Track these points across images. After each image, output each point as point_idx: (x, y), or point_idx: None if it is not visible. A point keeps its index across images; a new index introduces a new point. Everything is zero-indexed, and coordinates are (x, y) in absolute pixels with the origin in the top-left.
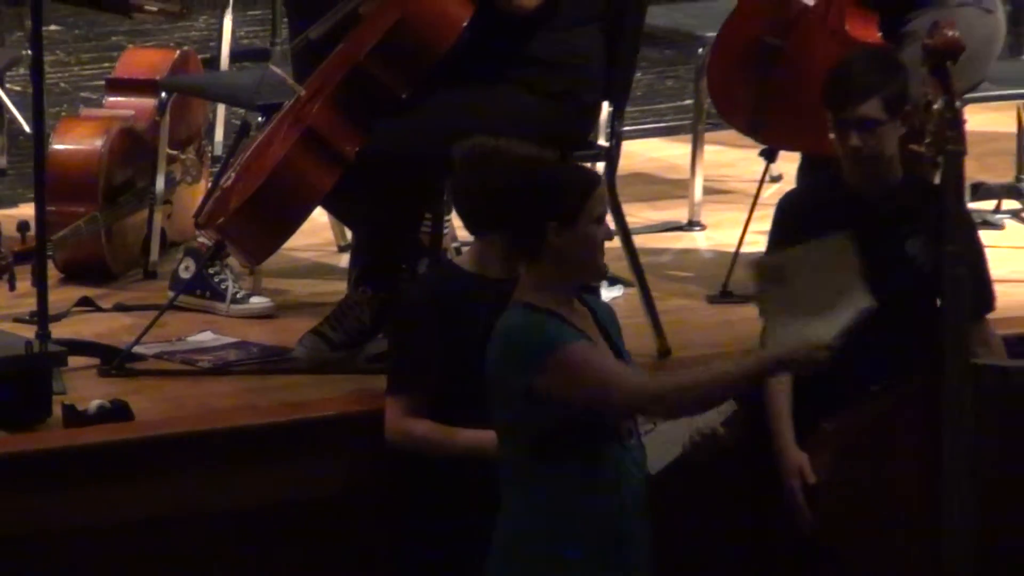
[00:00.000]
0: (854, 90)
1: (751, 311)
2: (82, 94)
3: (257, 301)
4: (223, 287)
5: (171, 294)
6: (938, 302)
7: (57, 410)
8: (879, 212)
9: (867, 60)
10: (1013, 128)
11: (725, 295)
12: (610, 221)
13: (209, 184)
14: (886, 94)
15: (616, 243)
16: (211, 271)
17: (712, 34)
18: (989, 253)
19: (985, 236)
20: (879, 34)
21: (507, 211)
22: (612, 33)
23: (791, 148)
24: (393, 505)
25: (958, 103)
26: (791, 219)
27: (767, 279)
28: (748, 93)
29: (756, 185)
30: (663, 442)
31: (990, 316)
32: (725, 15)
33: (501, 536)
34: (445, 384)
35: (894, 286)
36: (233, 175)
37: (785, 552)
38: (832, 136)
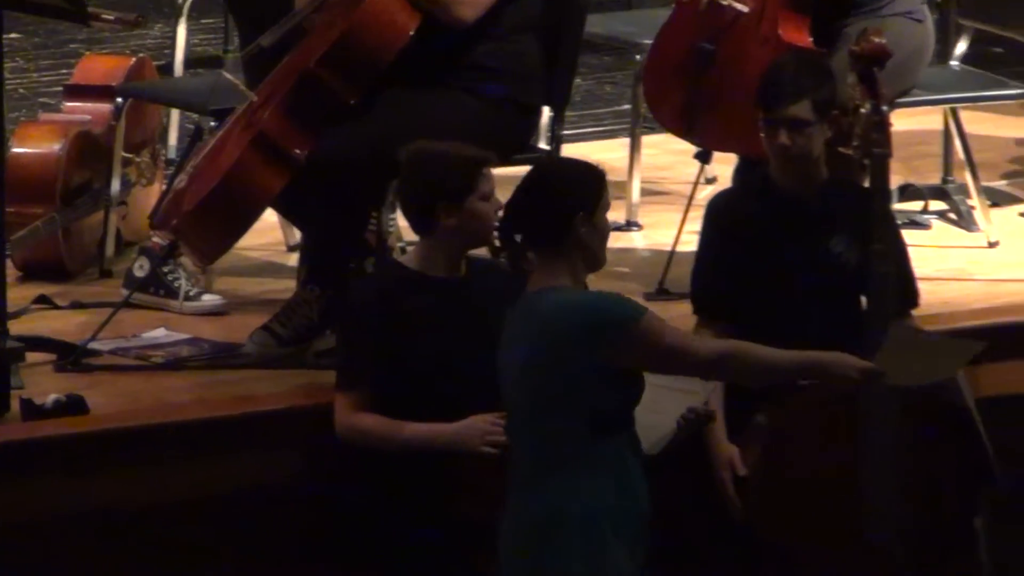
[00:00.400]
0: (785, 91)
1: (686, 307)
2: (41, 99)
3: (209, 299)
4: (176, 285)
5: (126, 292)
6: (863, 298)
7: (15, 404)
8: (805, 211)
9: (798, 63)
10: (940, 131)
11: (661, 292)
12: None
13: (163, 186)
14: (816, 97)
15: None
16: (165, 270)
17: (648, 41)
18: (916, 252)
19: (912, 236)
20: (810, 39)
21: (400, 195)
22: (552, 41)
23: (725, 150)
24: (343, 497)
25: (885, 107)
26: (721, 218)
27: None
28: (683, 97)
29: (691, 186)
30: (652, 424)
31: (915, 312)
32: (661, 23)
33: (531, 518)
34: (392, 379)
35: (819, 282)
36: (186, 178)
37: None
38: (761, 135)
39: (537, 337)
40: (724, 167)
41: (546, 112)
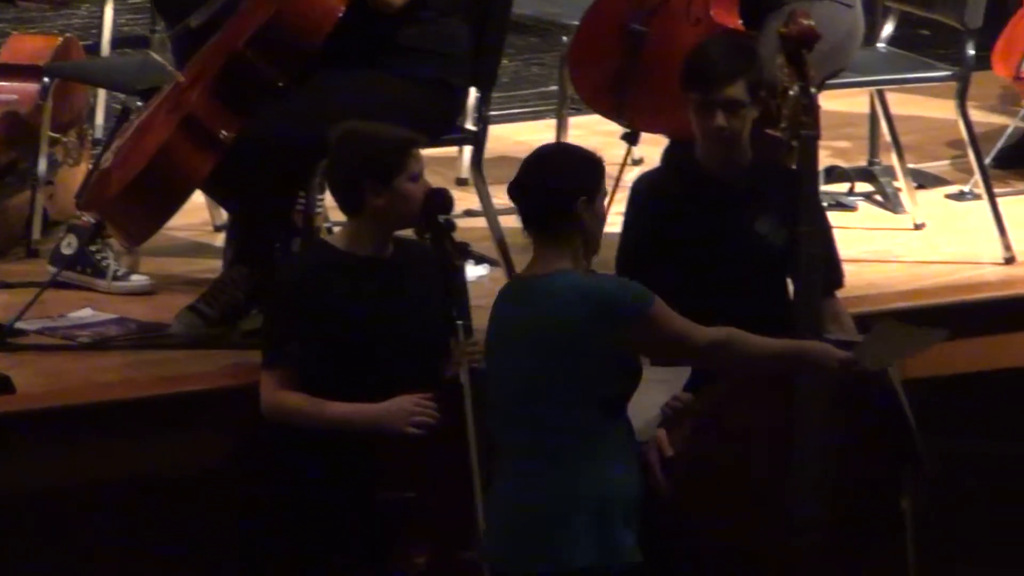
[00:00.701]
0: (722, 72)
1: None
2: None
3: (137, 279)
4: (104, 264)
5: (52, 270)
6: (787, 279)
7: None
8: (731, 192)
9: (727, 44)
10: (866, 113)
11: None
12: None
13: (90, 166)
14: (749, 78)
15: (482, 223)
16: (93, 248)
17: (575, 23)
18: (842, 234)
19: (838, 218)
20: (740, 21)
21: (329, 175)
22: (480, 22)
23: (654, 131)
24: (270, 476)
25: (813, 89)
26: (645, 199)
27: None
28: (612, 78)
29: (618, 168)
30: (635, 413)
31: (840, 294)
32: (587, 5)
33: (541, 501)
34: (318, 358)
35: (744, 264)
36: (112, 157)
37: None
38: (693, 118)
39: (549, 320)
40: (651, 148)
41: (473, 93)
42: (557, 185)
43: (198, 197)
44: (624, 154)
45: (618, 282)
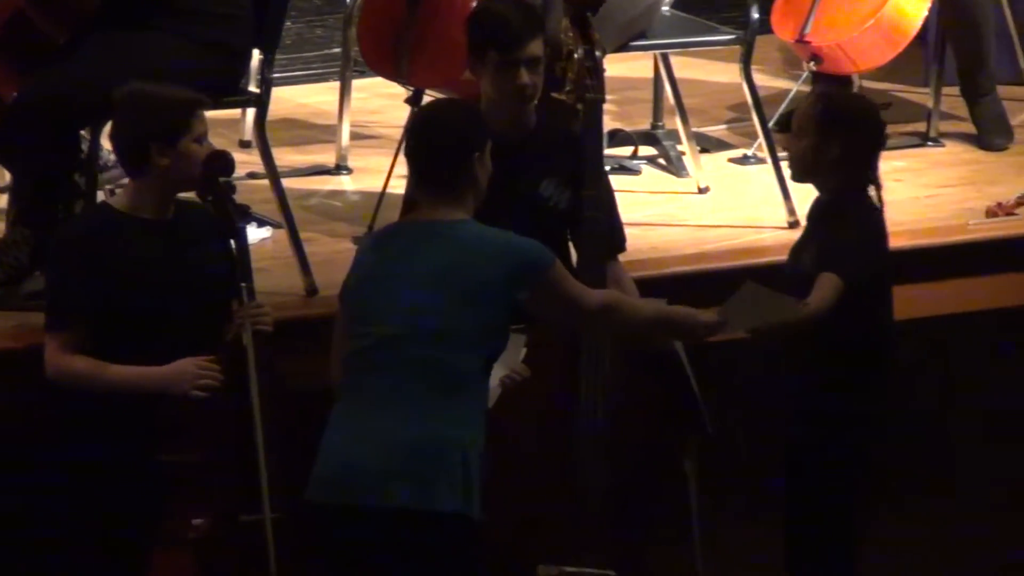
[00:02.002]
0: (523, 28)
1: None
2: None
3: None
4: None
5: None
6: (570, 242)
7: None
8: (517, 155)
9: (515, 3)
10: (650, 77)
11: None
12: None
13: None
14: (543, 35)
15: (265, 184)
16: None
17: None
18: (626, 198)
19: (622, 181)
20: None
21: (113, 136)
22: None
23: (434, 86)
24: (53, 438)
25: (599, 53)
26: None
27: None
28: (394, 39)
29: (401, 131)
30: None
31: (623, 257)
32: None
33: (413, 442)
34: (103, 321)
35: (528, 224)
36: None
37: None
38: (491, 79)
39: (459, 268)
40: None
41: (256, 55)
42: (455, 143)
43: None
44: (407, 117)
45: (523, 240)
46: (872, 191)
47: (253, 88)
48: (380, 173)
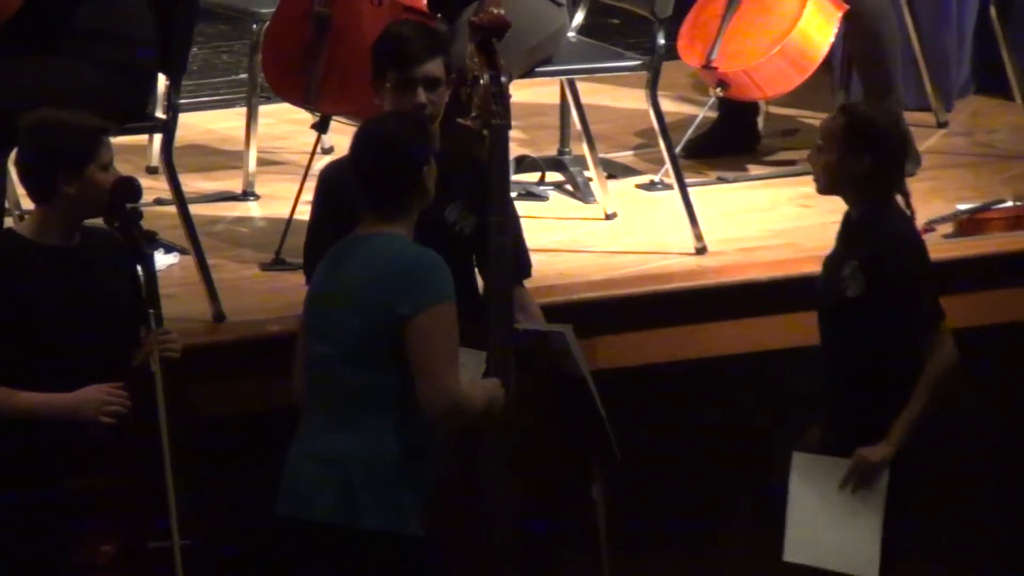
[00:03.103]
0: (421, 48)
1: (300, 279)
2: None
3: None
4: None
5: None
6: (475, 267)
7: None
8: None
9: (417, 25)
10: (557, 103)
11: (278, 263)
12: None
13: None
14: (444, 57)
15: (172, 211)
16: None
17: (266, 11)
18: (533, 224)
19: (529, 207)
20: (424, 2)
21: (19, 163)
22: (168, 8)
23: (340, 112)
24: None
25: (504, 78)
26: (332, 186)
27: None
28: (301, 65)
29: (308, 156)
30: None
31: (529, 284)
32: None
33: (345, 454)
34: (7, 348)
35: (434, 249)
36: None
37: None
38: (390, 99)
39: (366, 285)
40: (341, 137)
41: (162, 80)
42: (404, 160)
43: None
44: (314, 143)
45: (437, 263)
46: (900, 200)
47: (160, 114)
48: (287, 199)
